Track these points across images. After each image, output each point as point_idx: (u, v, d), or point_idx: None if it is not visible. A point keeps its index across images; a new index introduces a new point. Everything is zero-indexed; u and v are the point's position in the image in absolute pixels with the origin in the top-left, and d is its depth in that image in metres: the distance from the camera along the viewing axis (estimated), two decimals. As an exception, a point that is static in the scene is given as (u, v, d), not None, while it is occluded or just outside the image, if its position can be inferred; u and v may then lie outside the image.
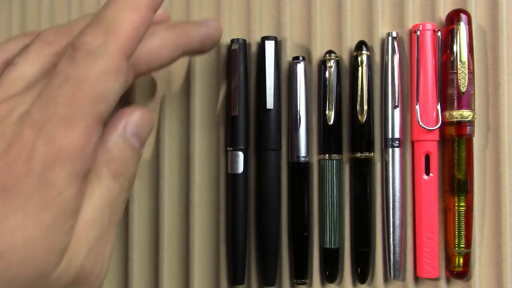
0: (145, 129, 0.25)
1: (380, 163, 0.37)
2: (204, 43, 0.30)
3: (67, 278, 0.21)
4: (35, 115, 0.20)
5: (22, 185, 0.19)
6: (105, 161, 0.23)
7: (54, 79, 0.21)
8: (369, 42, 0.37)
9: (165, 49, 0.27)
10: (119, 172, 0.23)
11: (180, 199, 0.38)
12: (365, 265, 0.36)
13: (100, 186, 0.22)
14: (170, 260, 0.37)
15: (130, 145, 0.24)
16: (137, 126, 0.24)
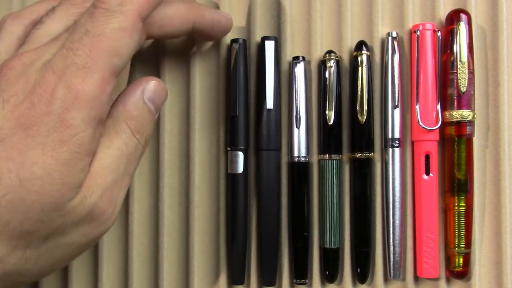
0: (160, 96, 0.28)
1: (380, 163, 0.37)
2: (214, 28, 0.33)
3: (80, 213, 0.23)
4: (57, 63, 0.23)
5: (43, 123, 0.22)
6: (124, 118, 0.26)
7: (75, 33, 0.24)
8: (369, 42, 0.37)
9: (177, 19, 0.30)
10: (137, 130, 0.26)
11: (180, 199, 0.38)
12: (365, 265, 0.36)
13: (119, 139, 0.25)
14: (170, 260, 0.37)
15: (147, 108, 0.27)
16: (154, 92, 0.27)
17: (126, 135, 0.25)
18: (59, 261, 0.25)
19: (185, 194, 0.37)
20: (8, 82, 0.23)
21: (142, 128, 0.26)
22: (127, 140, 0.25)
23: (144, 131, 0.27)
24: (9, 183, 0.21)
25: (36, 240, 0.22)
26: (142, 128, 0.26)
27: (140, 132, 0.26)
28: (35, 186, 0.21)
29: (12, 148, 0.21)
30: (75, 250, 0.25)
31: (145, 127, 0.27)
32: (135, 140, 0.26)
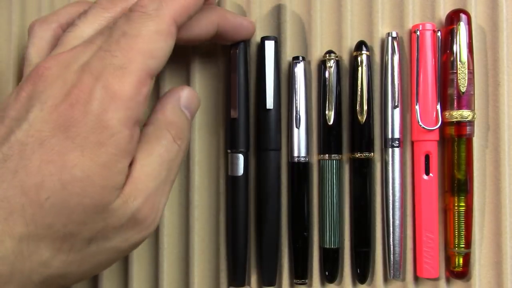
0: (195, 103, 0.29)
1: (380, 163, 0.37)
2: (237, 30, 0.33)
3: (122, 216, 0.23)
4: (94, 64, 0.23)
5: (81, 124, 0.22)
6: (165, 124, 0.26)
7: (112, 35, 0.24)
8: (369, 42, 0.37)
9: (203, 21, 0.30)
10: (177, 136, 0.26)
11: (180, 199, 0.38)
12: (365, 265, 0.36)
13: (160, 145, 0.25)
14: (170, 260, 0.37)
15: (185, 115, 0.28)
16: (188, 99, 0.28)
17: (167, 142, 0.26)
18: (101, 265, 0.25)
19: (185, 194, 0.37)
20: (46, 83, 0.23)
21: (182, 134, 0.27)
22: (169, 147, 0.26)
23: (183, 137, 0.27)
24: (52, 186, 0.21)
25: (79, 243, 0.23)
26: (182, 134, 0.27)
27: (180, 138, 0.27)
28: (77, 189, 0.21)
29: (52, 150, 0.21)
30: (117, 254, 0.25)
31: (184, 133, 0.27)
32: (176, 146, 0.26)
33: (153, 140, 0.25)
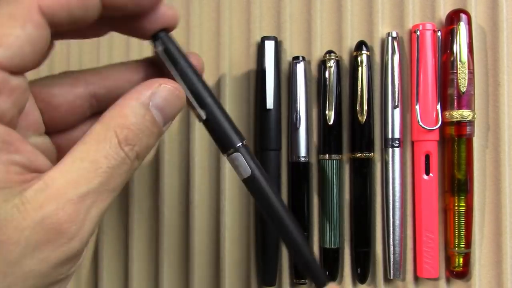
0: (173, 105, 0.23)
1: (380, 163, 0.37)
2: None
3: (24, 227, 0.19)
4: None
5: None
6: (115, 124, 0.21)
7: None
8: (369, 42, 0.37)
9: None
10: (128, 140, 0.21)
11: (180, 199, 0.38)
12: (365, 265, 0.36)
13: (98, 151, 0.21)
14: (170, 260, 0.37)
15: (150, 117, 0.22)
16: (165, 100, 0.23)
17: (110, 146, 0.21)
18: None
19: (185, 194, 0.37)
20: None
21: (136, 139, 0.22)
22: (110, 152, 0.21)
23: (137, 143, 0.22)
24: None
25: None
26: (135, 140, 0.21)
27: (130, 144, 0.21)
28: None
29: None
30: (39, 281, 0.20)
31: (141, 139, 0.22)
32: (121, 153, 0.21)
33: (92, 142, 0.21)
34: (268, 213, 0.25)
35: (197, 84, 0.24)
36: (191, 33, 0.38)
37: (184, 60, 0.24)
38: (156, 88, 0.22)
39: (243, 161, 0.25)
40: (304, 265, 0.26)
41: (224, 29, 0.37)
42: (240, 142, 0.25)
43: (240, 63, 0.38)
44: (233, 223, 0.37)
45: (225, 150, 0.25)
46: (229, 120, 0.25)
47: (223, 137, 0.25)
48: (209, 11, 0.38)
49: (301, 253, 0.25)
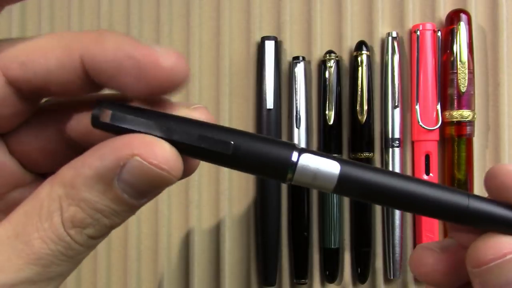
0: (153, 184, 0.16)
1: (380, 163, 0.37)
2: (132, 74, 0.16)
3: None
4: None
5: None
6: (61, 194, 0.16)
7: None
8: (369, 42, 0.37)
9: (52, 51, 0.16)
10: (76, 222, 0.16)
11: (180, 199, 0.38)
12: (365, 265, 0.36)
13: (36, 226, 0.16)
14: (170, 260, 0.37)
15: (114, 195, 0.16)
16: (138, 177, 0.16)
17: (49, 226, 0.16)
18: None
19: (185, 194, 0.37)
20: None
21: (88, 221, 0.16)
22: (50, 234, 0.16)
23: (90, 225, 0.16)
24: None
25: None
26: (86, 221, 0.16)
27: (78, 227, 0.16)
28: None
29: None
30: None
31: (98, 221, 0.16)
32: (65, 237, 0.16)
33: (32, 211, 0.16)
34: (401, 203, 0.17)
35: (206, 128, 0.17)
36: (191, 33, 0.38)
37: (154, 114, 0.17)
38: (127, 160, 0.15)
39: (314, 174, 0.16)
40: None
41: (224, 29, 0.37)
42: (292, 152, 0.16)
43: (240, 63, 0.38)
44: (233, 223, 0.37)
45: (282, 176, 0.17)
46: (257, 137, 0.17)
47: (266, 161, 0.16)
48: (209, 11, 0.38)
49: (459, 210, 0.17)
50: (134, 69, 0.16)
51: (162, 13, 0.38)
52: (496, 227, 0.17)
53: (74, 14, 0.39)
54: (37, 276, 0.16)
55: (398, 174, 0.17)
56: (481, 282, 0.17)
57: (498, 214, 0.17)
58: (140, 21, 0.38)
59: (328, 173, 0.16)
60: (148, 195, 0.17)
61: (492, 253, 0.17)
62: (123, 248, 0.38)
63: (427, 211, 0.17)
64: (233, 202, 0.37)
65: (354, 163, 0.17)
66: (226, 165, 0.17)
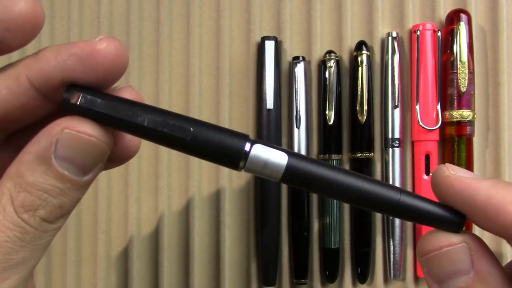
0: (87, 154, 0.17)
1: (380, 163, 0.37)
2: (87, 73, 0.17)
3: None
4: None
5: None
6: (10, 185, 0.17)
7: None
8: (369, 42, 0.37)
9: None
10: (26, 206, 0.17)
11: (180, 200, 0.38)
12: (365, 265, 0.36)
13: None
14: (170, 260, 0.37)
15: (55, 173, 0.17)
16: (72, 149, 0.17)
17: (4, 215, 0.17)
18: None
19: (185, 194, 0.37)
20: None
21: (37, 203, 0.17)
22: (4, 223, 0.17)
23: (40, 207, 0.17)
24: None
25: None
26: (36, 203, 0.17)
27: (30, 210, 0.17)
28: None
29: None
30: None
31: (47, 201, 0.17)
32: (19, 222, 0.17)
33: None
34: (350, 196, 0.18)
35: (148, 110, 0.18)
36: (191, 33, 0.38)
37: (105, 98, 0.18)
38: (58, 135, 0.17)
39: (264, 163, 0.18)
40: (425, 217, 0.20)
41: (224, 29, 0.37)
42: (244, 143, 0.18)
43: (240, 63, 0.38)
44: (233, 223, 0.37)
45: (233, 163, 0.18)
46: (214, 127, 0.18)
47: (221, 149, 0.18)
48: (209, 11, 0.38)
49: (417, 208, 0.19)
50: (78, 64, 0.17)
51: (162, 13, 0.38)
52: (425, 222, 0.20)
53: (74, 14, 0.39)
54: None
55: (339, 169, 0.18)
56: (427, 271, 0.19)
57: (425, 210, 0.19)
58: (140, 21, 0.38)
59: (276, 163, 0.18)
60: (87, 169, 0.18)
61: (431, 245, 0.19)
62: (123, 248, 0.38)
63: (363, 202, 0.19)
64: (233, 202, 0.37)
65: (301, 156, 0.18)
66: (184, 150, 0.18)
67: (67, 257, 0.38)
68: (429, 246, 0.19)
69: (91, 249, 0.38)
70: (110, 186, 0.38)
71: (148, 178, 0.38)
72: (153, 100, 0.38)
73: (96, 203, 0.37)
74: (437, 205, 0.19)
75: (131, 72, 0.38)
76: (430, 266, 0.19)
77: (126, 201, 0.38)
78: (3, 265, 0.17)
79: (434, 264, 0.19)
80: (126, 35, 0.38)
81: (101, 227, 0.37)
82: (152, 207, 0.38)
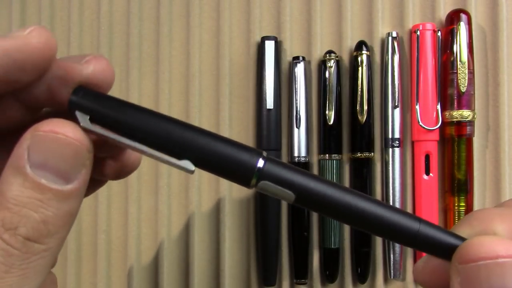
0: (61, 156, 0.16)
1: (380, 163, 0.37)
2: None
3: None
4: None
5: None
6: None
7: None
8: (369, 42, 0.37)
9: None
10: (6, 224, 0.15)
11: (180, 200, 0.38)
12: (365, 265, 0.36)
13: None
14: (170, 260, 0.37)
15: (31, 183, 0.15)
16: (44, 152, 0.16)
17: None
18: None
19: (185, 194, 0.37)
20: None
21: (17, 219, 0.15)
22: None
23: (21, 223, 0.15)
24: None
25: None
26: (15, 220, 0.15)
27: (10, 229, 0.15)
28: None
29: None
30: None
31: (27, 216, 0.15)
32: (0, 243, 0.15)
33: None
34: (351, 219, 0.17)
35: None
36: (191, 33, 0.38)
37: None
38: (28, 140, 0.15)
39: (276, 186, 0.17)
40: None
41: (224, 29, 0.37)
42: (258, 158, 0.16)
43: (240, 63, 0.38)
44: (233, 223, 0.37)
45: (245, 181, 0.17)
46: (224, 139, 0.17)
47: (232, 165, 0.16)
48: (209, 11, 0.38)
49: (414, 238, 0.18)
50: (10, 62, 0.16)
51: (162, 13, 0.38)
52: (444, 256, 0.17)
53: (74, 14, 0.39)
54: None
55: (353, 192, 0.17)
56: (462, 281, 0.16)
57: (446, 242, 0.17)
58: (140, 21, 0.38)
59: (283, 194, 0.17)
60: (67, 175, 0.16)
61: (485, 251, 0.16)
62: (123, 248, 0.38)
63: (380, 231, 0.17)
64: (233, 202, 0.37)
65: (316, 177, 0.17)
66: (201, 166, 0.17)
67: (67, 257, 0.38)
68: (480, 252, 0.16)
69: (91, 249, 0.38)
70: (110, 186, 0.38)
71: (148, 178, 0.38)
72: (153, 100, 0.38)
73: (96, 203, 0.37)
74: (457, 237, 0.17)
75: (131, 72, 0.38)
76: (471, 277, 0.16)
77: (126, 201, 0.38)
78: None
79: (479, 275, 0.16)
80: (126, 35, 0.38)
81: (101, 227, 0.37)
82: (152, 207, 0.38)
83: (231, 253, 0.37)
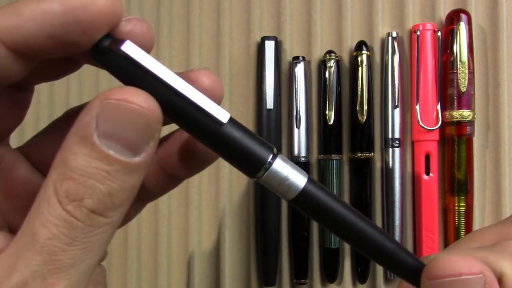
0: (131, 127, 0.15)
1: (380, 163, 0.37)
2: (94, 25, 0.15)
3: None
4: None
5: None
6: (55, 176, 0.15)
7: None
8: (369, 42, 0.37)
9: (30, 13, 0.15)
10: (71, 196, 0.15)
11: (180, 200, 0.38)
12: (365, 265, 0.36)
13: (37, 214, 0.15)
14: (170, 260, 0.37)
15: (99, 153, 0.15)
16: (114, 122, 0.15)
17: (48, 209, 0.15)
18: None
19: (185, 194, 0.37)
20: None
21: (82, 190, 0.15)
22: (49, 217, 0.14)
23: (87, 195, 0.15)
24: None
25: None
26: (81, 191, 0.15)
27: (75, 200, 0.15)
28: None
29: None
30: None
31: (93, 188, 0.15)
32: (64, 216, 0.14)
33: (35, 204, 0.15)
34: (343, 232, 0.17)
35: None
36: (191, 33, 0.38)
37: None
38: (98, 108, 0.15)
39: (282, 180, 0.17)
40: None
41: (224, 29, 0.38)
42: (270, 155, 0.16)
43: (240, 63, 0.38)
44: (233, 223, 0.37)
45: (251, 173, 0.17)
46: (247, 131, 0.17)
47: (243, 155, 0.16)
48: (209, 11, 0.38)
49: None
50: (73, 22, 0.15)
51: (162, 13, 0.38)
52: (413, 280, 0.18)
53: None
54: (44, 266, 0.14)
55: (350, 208, 0.17)
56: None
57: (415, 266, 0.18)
58: (140, 21, 0.38)
59: (294, 183, 0.17)
60: (136, 147, 0.15)
61: (450, 269, 0.17)
62: (123, 248, 0.38)
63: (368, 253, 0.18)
64: (233, 202, 0.37)
65: (319, 185, 0.17)
66: (208, 138, 0.16)
67: (67, 257, 0.38)
68: (445, 270, 0.17)
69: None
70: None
71: (148, 178, 0.38)
72: (153, 100, 0.38)
73: (96, 203, 0.37)
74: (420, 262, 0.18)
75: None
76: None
77: (126, 201, 0.38)
78: (49, 267, 0.14)
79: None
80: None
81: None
82: (152, 207, 0.38)
83: (231, 253, 0.37)
